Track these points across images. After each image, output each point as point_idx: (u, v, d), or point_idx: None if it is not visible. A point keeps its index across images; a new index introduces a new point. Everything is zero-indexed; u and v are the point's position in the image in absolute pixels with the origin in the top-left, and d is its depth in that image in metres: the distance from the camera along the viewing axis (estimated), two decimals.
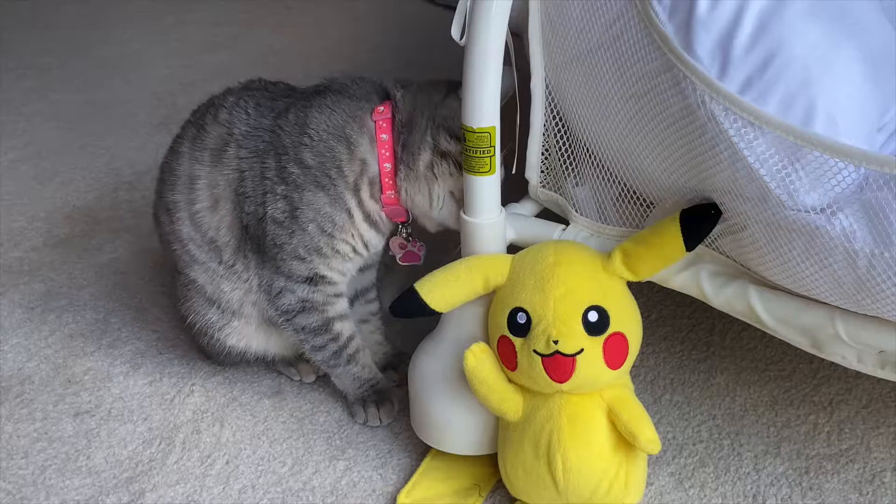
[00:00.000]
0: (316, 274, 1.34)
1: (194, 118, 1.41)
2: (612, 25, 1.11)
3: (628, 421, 1.13)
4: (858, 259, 0.97)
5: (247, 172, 1.32)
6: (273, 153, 1.31)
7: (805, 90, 0.99)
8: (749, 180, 1.01)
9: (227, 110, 1.36)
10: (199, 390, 1.51)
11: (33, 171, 2.16)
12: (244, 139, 1.33)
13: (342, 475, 1.34)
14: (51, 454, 1.41)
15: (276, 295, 1.36)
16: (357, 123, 1.30)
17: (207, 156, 1.35)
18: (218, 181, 1.34)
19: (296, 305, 1.36)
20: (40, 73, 2.65)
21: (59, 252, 1.87)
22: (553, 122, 1.27)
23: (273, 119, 1.33)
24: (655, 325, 1.54)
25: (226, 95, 1.39)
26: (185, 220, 1.37)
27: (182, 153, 1.37)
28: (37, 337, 1.64)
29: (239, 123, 1.34)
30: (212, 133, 1.35)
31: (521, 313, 1.14)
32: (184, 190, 1.36)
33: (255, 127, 1.33)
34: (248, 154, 1.32)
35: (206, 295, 1.42)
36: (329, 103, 1.31)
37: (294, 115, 1.32)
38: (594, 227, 1.27)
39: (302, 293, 1.35)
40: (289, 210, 1.30)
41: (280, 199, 1.30)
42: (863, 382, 1.40)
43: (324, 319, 1.37)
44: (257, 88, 1.40)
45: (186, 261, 1.40)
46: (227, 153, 1.33)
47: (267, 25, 2.92)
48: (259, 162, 1.32)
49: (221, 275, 1.39)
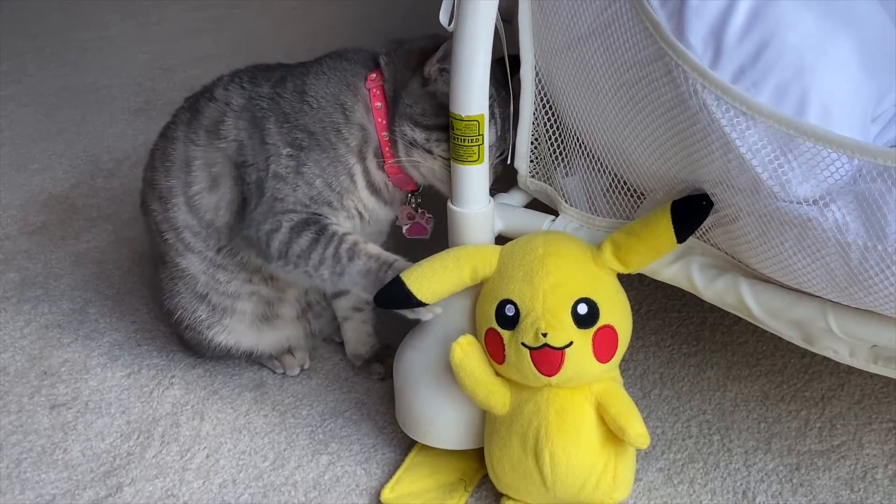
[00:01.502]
0: (317, 213, 1.28)
1: (188, 104, 1.39)
2: (603, 12, 1.09)
3: (617, 415, 1.11)
4: (851, 251, 0.96)
5: (246, 141, 1.30)
6: (273, 119, 1.29)
7: (799, 79, 0.99)
8: (741, 171, 1.00)
9: (222, 87, 1.35)
10: (178, 383, 1.48)
11: (8, 157, 2.12)
12: (242, 110, 1.31)
13: (325, 470, 1.32)
14: (26, 447, 1.38)
15: (267, 237, 1.28)
16: (351, 91, 1.29)
17: (203, 135, 1.33)
18: (215, 158, 1.32)
19: (285, 237, 1.27)
20: (15, 57, 2.61)
21: (35, 240, 1.83)
22: (543, 110, 1.25)
23: (271, 87, 1.32)
24: (645, 319, 1.53)
25: (219, 79, 1.38)
26: (180, 206, 1.35)
27: (176, 138, 1.36)
28: (12, 327, 1.61)
29: (236, 97, 1.33)
30: (206, 112, 1.34)
31: (510, 305, 1.12)
32: (179, 174, 1.34)
33: (251, 97, 1.32)
34: (246, 124, 1.31)
35: (197, 289, 1.40)
36: (325, 70, 1.31)
37: (292, 84, 1.31)
38: (584, 218, 1.25)
39: (288, 224, 1.27)
40: (293, 166, 1.28)
41: (284, 157, 1.28)
42: (855, 378, 1.39)
43: (317, 229, 1.27)
44: (254, 67, 1.39)
45: (179, 249, 1.38)
46: (224, 125, 1.32)
47: (250, 9, 2.89)
48: (258, 130, 1.30)
49: (219, 264, 1.37)
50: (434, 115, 1.24)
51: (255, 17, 2.83)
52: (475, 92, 1.14)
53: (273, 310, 1.43)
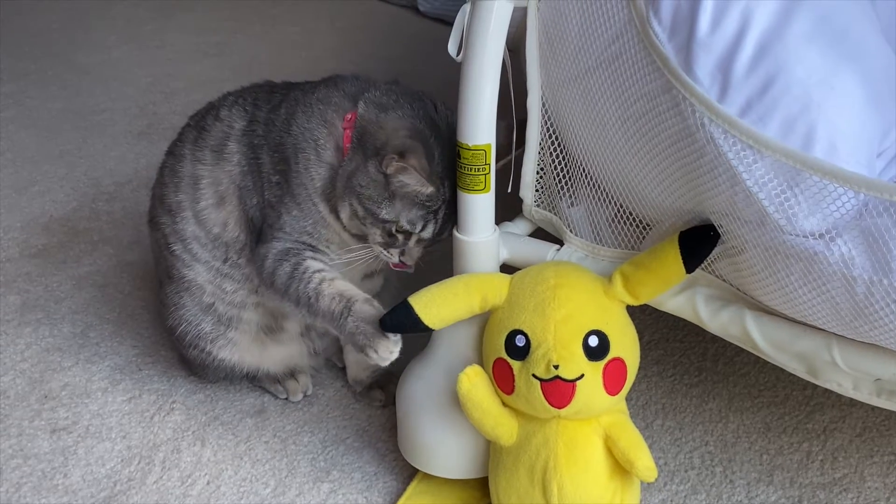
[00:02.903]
0: (302, 242, 1.29)
1: (194, 122, 1.40)
2: (610, 45, 1.10)
3: (626, 448, 1.11)
4: (857, 286, 0.96)
5: (246, 167, 1.32)
6: (266, 147, 1.30)
7: (805, 114, 0.99)
8: (747, 204, 1.00)
9: (227, 108, 1.36)
10: (179, 408, 1.48)
11: (10, 179, 2.12)
12: (242, 135, 1.32)
13: (326, 497, 1.31)
14: (26, 471, 1.37)
15: (260, 264, 1.30)
16: (327, 128, 1.28)
17: (209, 155, 1.34)
18: (221, 178, 1.33)
19: (271, 265, 1.28)
20: (17, 79, 2.61)
21: (36, 263, 1.83)
22: (549, 140, 1.25)
23: (267, 112, 1.32)
24: (647, 349, 1.53)
25: (224, 97, 1.39)
26: (189, 219, 1.36)
27: (184, 156, 1.37)
28: (12, 350, 1.60)
29: (238, 119, 1.34)
30: (212, 132, 1.35)
31: (520, 336, 1.12)
32: (188, 190, 1.35)
33: (251, 121, 1.33)
34: (246, 149, 1.32)
35: (204, 298, 1.39)
36: (314, 100, 1.30)
37: (285, 110, 1.31)
38: (589, 248, 1.25)
39: (279, 247, 1.29)
40: (279, 196, 1.29)
41: (274, 185, 1.29)
42: (857, 410, 1.39)
43: (294, 262, 1.28)
44: (260, 86, 1.40)
45: (186, 260, 1.38)
46: (227, 148, 1.33)
47: (252, 34, 2.90)
48: (255, 157, 1.31)
49: (225, 273, 1.37)
50: (377, 205, 1.21)
51: (257, 42, 2.84)
52: (482, 121, 1.14)
53: (278, 322, 1.42)
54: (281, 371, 1.47)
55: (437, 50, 1.15)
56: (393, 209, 1.21)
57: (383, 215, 1.22)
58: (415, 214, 1.22)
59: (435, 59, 1.22)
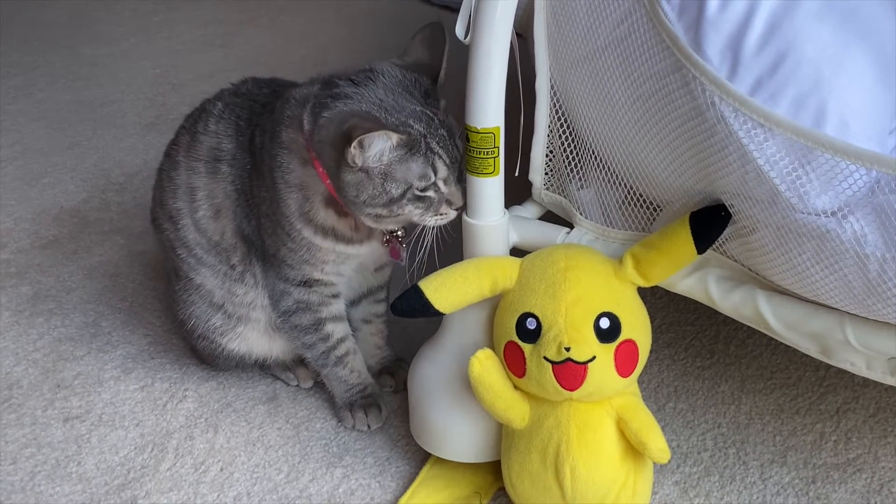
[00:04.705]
0: (310, 278, 1.32)
1: (188, 124, 1.38)
2: (619, 25, 1.09)
3: (638, 430, 1.11)
4: (869, 263, 0.95)
5: (240, 188, 1.31)
6: (255, 173, 1.29)
7: (816, 91, 0.98)
8: (759, 183, 1.00)
9: (215, 119, 1.33)
10: (192, 395, 1.48)
11: (20, 171, 2.13)
12: (233, 158, 1.31)
13: (339, 483, 1.31)
14: (40, 460, 1.38)
15: (277, 299, 1.35)
16: (286, 148, 1.23)
17: (202, 167, 1.33)
18: (216, 192, 1.33)
19: (292, 306, 1.34)
20: (26, 71, 2.62)
21: (48, 254, 1.83)
22: (558, 123, 1.25)
23: (249, 141, 1.29)
24: (659, 332, 1.52)
25: (215, 101, 1.36)
26: (189, 227, 1.35)
27: (179, 162, 1.36)
28: (25, 340, 1.61)
29: (226, 140, 1.31)
30: (204, 143, 1.33)
31: (531, 319, 1.12)
32: (185, 198, 1.35)
33: (239, 146, 1.31)
34: (239, 173, 1.31)
35: (213, 300, 1.40)
36: (273, 125, 1.25)
37: (259, 139, 1.28)
38: (599, 231, 1.25)
39: (298, 295, 1.33)
40: (272, 228, 1.29)
41: (264, 217, 1.29)
42: (870, 391, 1.38)
43: (315, 319, 1.35)
44: (245, 94, 1.36)
45: (192, 264, 1.38)
46: (220, 169, 1.32)
47: (259, 24, 2.89)
48: (249, 181, 1.30)
49: (234, 278, 1.37)
50: (383, 193, 1.17)
51: (264, 33, 2.84)
52: (491, 104, 1.13)
53: None
54: (290, 358, 1.47)
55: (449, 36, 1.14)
56: (395, 181, 1.17)
57: (394, 192, 1.17)
58: (416, 167, 1.17)
59: None
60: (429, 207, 1.20)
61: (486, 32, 1.10)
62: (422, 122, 1.17)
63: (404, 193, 1.18)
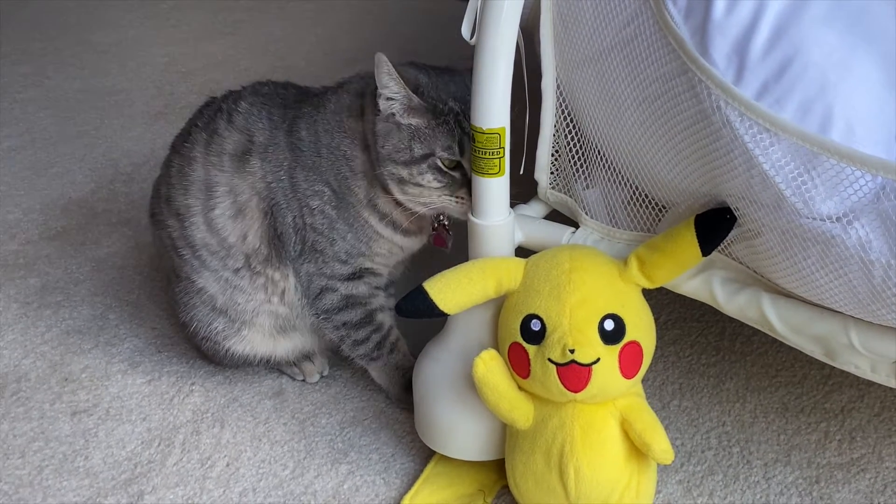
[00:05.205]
0: (361, 268, 1.34)
1: (202, 122, 1.37)
2: (625, 27, 1.09)
3: (642, 431, 1.11)
4: (874, 269, 0.95)
5: (275, 184, 1.31)
6: (299, 168, 1.30)
7: (822, 96, 0.98)
8: (764, 187, 0.99)
9: (242, 116, 1.33)
10: (198, 390, 1.49)
11: (28, 160, 2.13)
12: (265, 151, 1.31)
13: (344, 479, 1.32)
14: (48, 454, 1.39)
15: (316, 296, 1.35)
16: (349, 136, 1.28)
17: (227, 161, 1.32)
18: (242, 189, 1.32)
19: (338, 303, 1.35)
20: (35, 59, 2.62)
21: (56, 245, 1.84)
22: (564, 123, 1.24)
23: (286, 133, 1.31)
24: (664, 329, 1.52)
25: (237, 100, 1.36)
26: (199, 225, 1.34)
27: (194, 158, 1.34)
28: (33, 333, 1.62)
29: (258, 133, 1.32)
30: (229, 138, 1.33)
31: (536, 320, 1.12)
32: (199, 195, 1.34)
33: (272, 140, 1.31)
34: (273, 167, 1.31)
35: (216, 305, 1.40)
36: (328, 114, 1.30)
37: (306, 131, 1.30)
38: (604, 231, 1.25)
39: (345, 290, 1.34)
40: (327, 222, 1.30)
41: (317, 212, 1.30)
42: (875, 390, 1.38)
43: (366, 312, 1.37)
44: (268, 93, 1.37)
45: (195, 266, 1.37)
46: (250, 162, 1.31)
47: (268, 12, 2.89)
48: (287, 175, 1.30)
49: (236, 285, 1.37)
50: (408, 149, 1.23)
51: (273, 20, 2.83)
52: (496, 105, 1.13)
53: (291, 323, 1.43)
54: (296, 357, 1.48)
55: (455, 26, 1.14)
56: (421, 142, 1.22)
57: (418, 152, 1.22)
58: (442, 138, 1.21)
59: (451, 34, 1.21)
60: (448, 185, 1.23)
61: (492, 33, 1.10)
62: (458, 105, 1.22)
63: (426, 157, 1.22)
